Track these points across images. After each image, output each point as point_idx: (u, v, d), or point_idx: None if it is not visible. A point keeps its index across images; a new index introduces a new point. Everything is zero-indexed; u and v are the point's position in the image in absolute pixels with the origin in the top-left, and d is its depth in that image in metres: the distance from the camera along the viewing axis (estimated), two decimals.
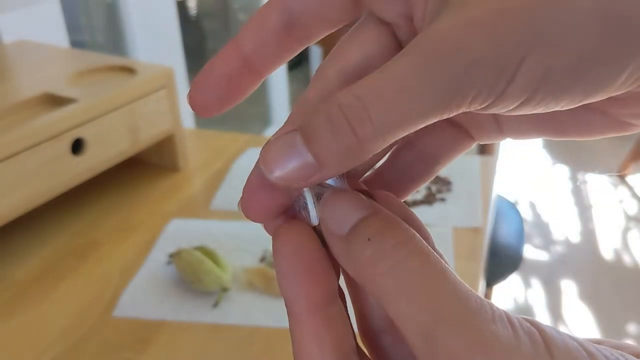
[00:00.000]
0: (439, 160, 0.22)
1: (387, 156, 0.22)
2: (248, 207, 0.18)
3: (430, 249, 0.16)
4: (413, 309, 0.15)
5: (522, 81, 0.15)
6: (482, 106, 0.16)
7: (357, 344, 0.19)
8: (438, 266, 0.15)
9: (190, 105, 0.19)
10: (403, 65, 0.15)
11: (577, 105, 0.17)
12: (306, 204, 0.18)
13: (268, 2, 0.19)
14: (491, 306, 0.15)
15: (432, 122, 0.16)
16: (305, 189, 0.18)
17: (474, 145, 0.23)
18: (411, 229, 0.16)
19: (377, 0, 0.18)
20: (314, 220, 0.18)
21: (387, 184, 0.21)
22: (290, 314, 0.18)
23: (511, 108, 0.16)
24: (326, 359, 0.17)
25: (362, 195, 0.17)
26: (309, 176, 0.16)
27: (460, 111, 0.16)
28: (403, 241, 0.16)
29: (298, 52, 0.20)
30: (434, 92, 0.15)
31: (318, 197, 0.18)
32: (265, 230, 0.20)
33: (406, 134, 0.16)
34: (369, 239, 0.16)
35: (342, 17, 0.19)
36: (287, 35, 0.19)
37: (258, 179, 0.18)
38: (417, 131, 0.17)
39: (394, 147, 0.22)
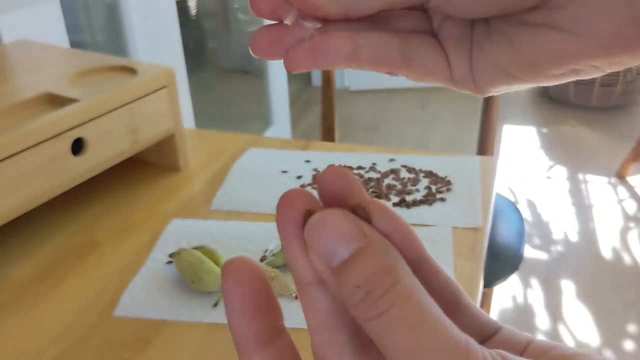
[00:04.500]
0: (412, 53, 0.23)
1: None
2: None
3: (416, 291, 0.16)
4: (394, 354, 0.16)
5: None
6: None
7: None
8: (421, 315, 0.16)
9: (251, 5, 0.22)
10: None
11: (504, 12, 0.20)
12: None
13: None
14: (468, 354, 0.15)
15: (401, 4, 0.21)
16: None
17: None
18: (399, 265, 0.17)
19: None
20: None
21: (354, 39, 0.22)
22: (240, 353, 0.18)
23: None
24: None
25: (353, 217, 0.17)
26: None
27: None
28: (389, 290, 0.16)
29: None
30: None
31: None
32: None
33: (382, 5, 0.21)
34: (357, 287, 0.16)
35: None
36: None
37: None
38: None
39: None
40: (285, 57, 0.22)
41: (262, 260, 0.61)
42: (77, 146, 0.63)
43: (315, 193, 0.19)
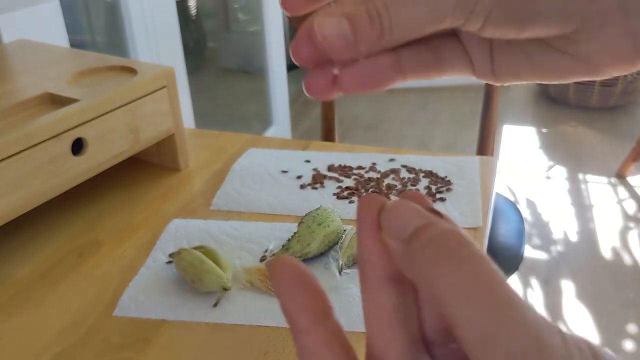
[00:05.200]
0: (443, 62, 0.27)
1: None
2: None
3: (485, 255, 0.17)
4: (473, 309, 0.16)
5: (482, 3, 0.22)
6: (460, 22, 0.23)
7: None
8: (494, 273, 0.16)
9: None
10: None
11: (525, 35, 0.23)
12: None
13: None
14: (536, 315, 0.16)
15: (431, 29, 0.23)
16: None
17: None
18: (469, 237, 0.17)
19: None
20: None
21: (396, 56, 0.26)
22: (294, 329, 0.19)
23: (478, 27, 0.23)
24: None
25: (422, 209, 0.19)
26: (343, 48, 0.22)
27: (448, 23, 0.23)
28: (462, 245, 0.17)
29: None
30: (430, 6, 0.22)
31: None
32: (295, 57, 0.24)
33: (415, 34, 0.23)
34: (424, 245, 0.17)
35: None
36: None
37: None
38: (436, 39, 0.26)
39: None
40: (337, 83, 0.25)
41: (262, 260, 0.61)
42: (77, 146, 0.63)
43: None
